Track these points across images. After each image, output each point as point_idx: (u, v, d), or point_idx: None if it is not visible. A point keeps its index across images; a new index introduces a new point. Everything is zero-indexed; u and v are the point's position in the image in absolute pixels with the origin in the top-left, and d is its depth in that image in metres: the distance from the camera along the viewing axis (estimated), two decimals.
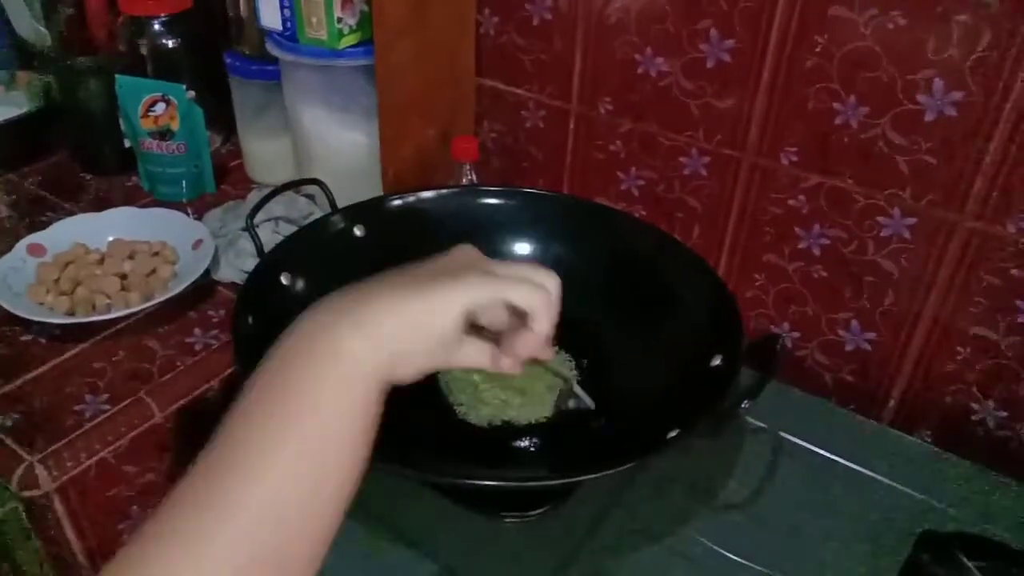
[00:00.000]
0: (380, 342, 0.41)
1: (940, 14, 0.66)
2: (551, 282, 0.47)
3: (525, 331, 0.46)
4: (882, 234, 0.76)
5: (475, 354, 0.48)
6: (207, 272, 0.87)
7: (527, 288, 0.45)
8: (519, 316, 0.46)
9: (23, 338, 0.81)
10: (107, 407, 0.73)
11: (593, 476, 0.56)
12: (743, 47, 0.76)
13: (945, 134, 0.70)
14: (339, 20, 0.84)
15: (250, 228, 0.74)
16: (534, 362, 0.51)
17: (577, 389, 0.67)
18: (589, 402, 0.66)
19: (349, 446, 0.40)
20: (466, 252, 0.48)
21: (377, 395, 0.41)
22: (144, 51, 1.06)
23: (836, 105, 0.73)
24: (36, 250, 0.88)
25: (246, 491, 0.38)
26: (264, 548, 0.37)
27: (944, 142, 0.70)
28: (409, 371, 0.43)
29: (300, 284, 0.72)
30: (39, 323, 0.80)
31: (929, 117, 0.70)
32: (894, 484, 0.69)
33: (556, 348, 0.75)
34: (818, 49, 0.72)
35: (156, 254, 0.90)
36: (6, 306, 0.79)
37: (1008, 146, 0.67)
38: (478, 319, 0.46)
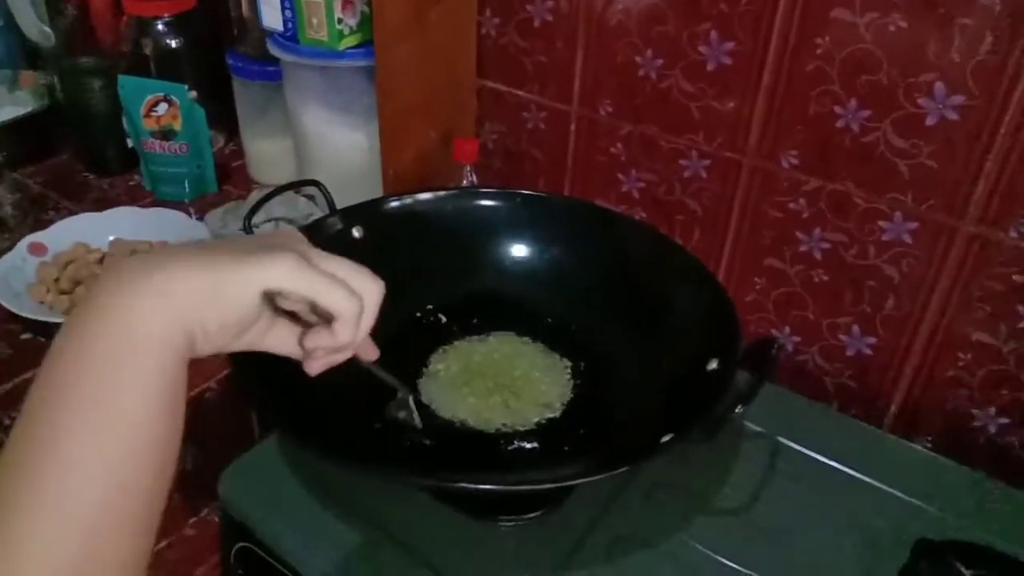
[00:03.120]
0: (172, 311, 0.38)
1: (942, 16, 0.65)
2: (371, 290, 0.44)
3: (325, 331, 0.43)
4: (883, 238, 0.76)
5: (282, 341, 0.45)
6: None
7: (339, 291, 0.42)
8: (322, 315, 0.43)
9: (23, 337, 0.81)
10: None
11: (586, 480, 0.55)
12: (743, 50, 0.76)
13: (946, 138, 0.69)
14: (339, 21, 0.84)
15: (247, 229, 0.74)
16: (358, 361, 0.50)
17: (410, 403, 0.62)
18: (418, 422, 0.62)
19: (150, 426, 0.37)
20: (291, 235, 0.45)
21: (174, 366, 0.38)
22: (147, 51, 1.06)
23: (837, 108, 0.73)
24: (37, 249, 0.88)
25: (42, 494, 0.35)
26: (77, 551, 0.35)
27: (945, 146, 0.69)
28: (207, 345, 0.40)
29: None
30: (39, 322, 0.80)
31: (930, 121, 0.69)
32: (893, 491, 0.68)
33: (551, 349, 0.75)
34: (819, 52, 0.72)
35: None
36: (6, 305, 0.79)
37: (1010, 151, 0.67)
38: (281, 304, 0.42)
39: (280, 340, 0.45)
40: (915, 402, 0.81)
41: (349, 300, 0.42)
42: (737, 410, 0.56)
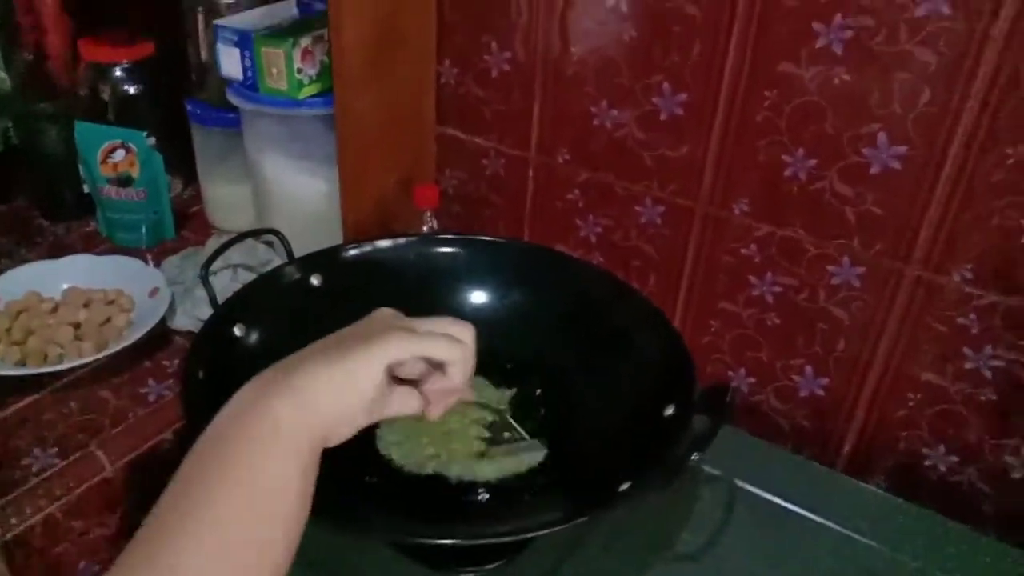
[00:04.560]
0: (308, 407, 0.44)
1: (882, 71, 0.68)
2: (467, 334, 0.52)
3: (443, 378, 0.51)
4: (832, 282, 0.78)
5: (403, 403, 0.51)
6: (163, 321, 0.86)
7: (444, 342, 0.50)
8: (436, 365, 0.51)
9: None
10: (56, 461, 0.72)
11: (544, 532, 0.55)
12: (695, 101, 0.78)
13: (890, 186, 0.71)
14: (299, 71, 0.85)
15: (204, 278, 0.74)
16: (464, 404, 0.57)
17: (511, 421, 0.70)
18: (525, 436, 0.69)
19: (285, 510, 0.42)
20: (384, 314, 0.53)
21: (310, 458, 0.44)
22: (105, 97, 1.06)
23: (785, 157, 0.75)
24: None
25: (188, 559, 0.39)
26: None
27: (889, 194, 0.72)
28: (341, 431, 0.46)
29: (254, 335, 0.71)
30: None
31: (874, 170, 0.72)
32: (848, 532, 0.69)
33: (512, 394, 0.75)
34: (767, 103, 0.74)
35: (112, 302, 0.89)
36: None
37: (950, 198, 0.69)
38: (400, 373, 0.50)
39: (402, 402, 0.51)
40: (868, 442, 0.82)
41: (456, 347, 0.50)
42: (693, 457, 0.57)
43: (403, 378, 0.51)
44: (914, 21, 0.65)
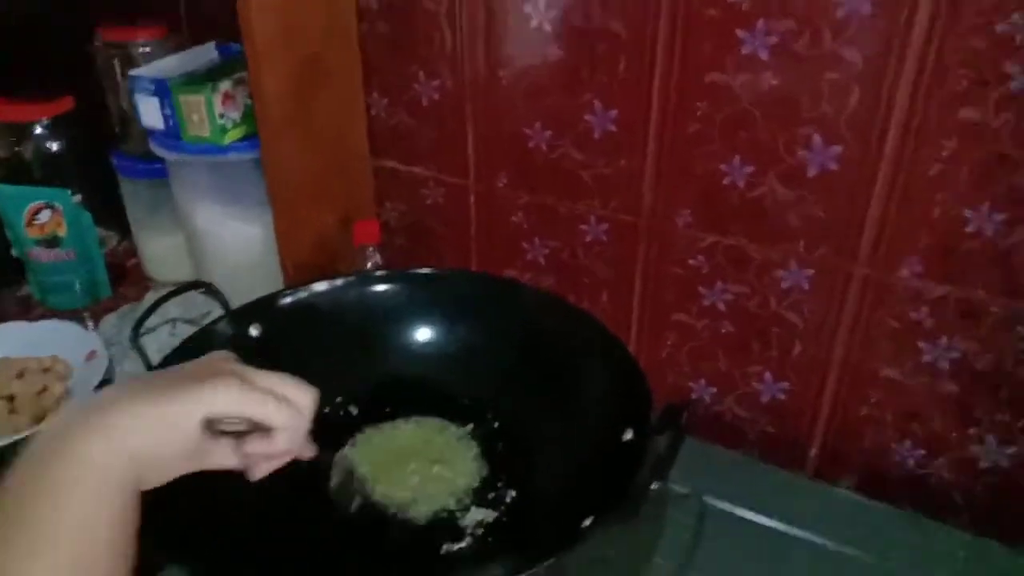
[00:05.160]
0: (117, 444, 0.41)
1: (809, 73, 0.67)
2: (306, 399, 0.49)
3: (264, 439, 0.48)
4: (782, 286, 0.77)
5: (223, 458, 0.48)
6: (102, 385, 0.82)
7: (273, 404, 0.46)
8: (263, 426, 0.48)
9: None
10: None
11: None
12: (627, 117, 0.77)
13: (829, 187, 0.71)
14: (221, 116, 0.82)
15: (135, 340, 0.71)
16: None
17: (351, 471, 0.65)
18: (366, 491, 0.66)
19: (99, 556, 0.39)
20: (220, 357, 0.49)
21: (122, 500, 0.41)
22: (27, 156, 1.02)
23: (723, 166, 0.74)
24: None
25: None
26: None
27: (830, 194, 0.71)
28: (155, 476, 0.43)
29: None
30: None
31: (812, 172, 0.71)
32: (821, 540, 0.68)
33: (469, 430, 0.73)
34: (699, 114, 0.73)
35: (47, 370, 0.85)
36: None
37: (890, 194, 0.69)
38: (221, 428, 0.47)
39: (223, 456, 0.48)
40: (834, 443, 0.81)
41: (285, 412, 0.47)
42: (653, 486, 0.55)
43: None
44: (837, 22, 0.65)
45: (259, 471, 0.50)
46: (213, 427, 0.46)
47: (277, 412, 0.46)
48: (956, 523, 0.71)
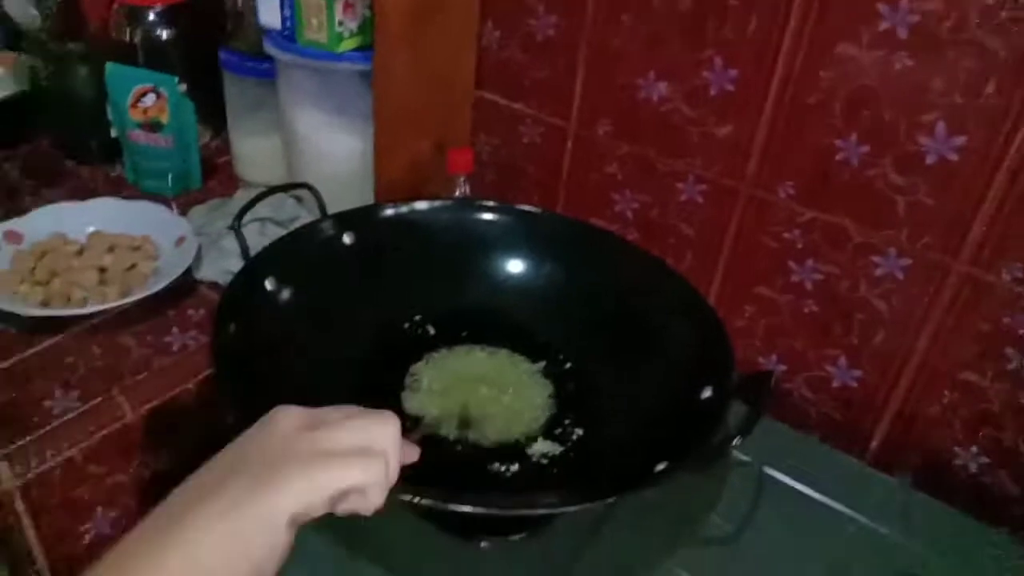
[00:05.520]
0: (196, 566, 0.38)
1: (947, 58, 0.66)
2: (387, 435, 0.43)
3: (359, 497, 0.43)
4: (876, 273, 0.76)
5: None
6: (188, 270, 0.85)
7: (358, 468, 0.41)
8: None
9: None
10: (77, 404, 0.71)
11: (572, 509, 0.54)
12: (747, 78, 0.76)
13: (945, 178, 0.69)
14: (340, 23, 0.83)
15: (237, 229, 0.72)
16: None
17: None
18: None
19: None
20: (285, 428, 0.43)
21: None
22: (137, 40, 1.04)
23: (837, 142, 0.73)
24: (12, 237, 0.86)
25: None
26: None
27: (944, 186, 0.70)
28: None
29: (286, 292, 0.70)
30: (10, 313, 0.77)
31: (930, 160, 0.69)
32: (874, 525, 0.69)
33: (541, 368, 0.74)
34: (822, 85, 0.72)
35: (137, 248, 0.87)
36: None
37: (1006, 195, 0.67)
38: (303, 520, 0.41)
39: (320, 512, 0.43)
40: (897, 437, 0.81)
41: (373, 469, 0.41)
42: (735, 442, 0.55)
43: None
44: (986, 8, 0.63)
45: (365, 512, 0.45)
46: (301, 519, 0.41)
47: (365, 473, 0.41)
48: (1012, 532, 0.70)
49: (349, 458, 0.41)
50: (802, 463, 0.74)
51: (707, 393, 0.63)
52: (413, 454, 0.48)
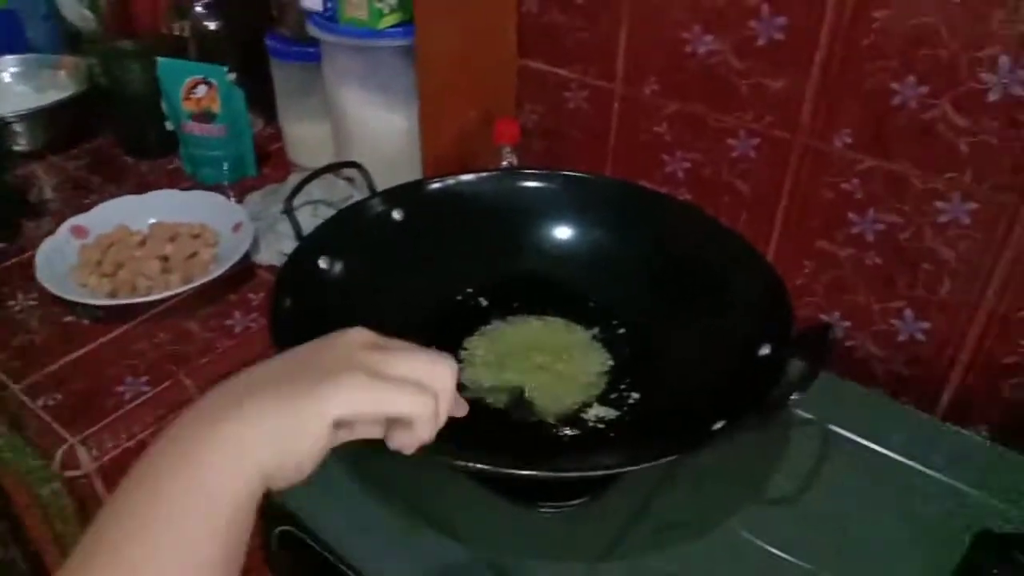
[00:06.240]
0: (244, 460, 0.39)
1: None
2: (444, 377, 0.44)
3: (406, 432, 0.43)
4: (940, 220, 0.73)
5: (366, 433, 0.44)
6: (247, 255, 0.87)
7: (408, 397, 0.41)
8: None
9: (65, 319, 0.81)
10: (147, 388, 0.73)
11: (632, 469, 0.54)
12: (796, 24, 0.73)
13: (1010, 114, 0.66)
14: (379, 0, 0.83)
15: (289, 211, 0.73)
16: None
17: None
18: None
19: (211, 554, 0.38)
20: (350, 341, 0.43)
21: (246, 506, 0.39)
22: (186, 34, 1.06)
23: (894, 85, 0.70)
24: (79, 232, 0.89)
25: None
26: None
27: (1009, 123, 0.66)
28: (283, 482, 0.41)
29: (338, 267, 0.71)
30: (81, 304, 0.80)
31: (993, 97, 0.66)
32: (949, 480, 0.66)
33: (595, 333, 0.74)
34: (876, 25, 0.69)
35: (197, 236, 0.90)
36: (49, 287, 0.80)
37: None
38: (349, 435, 0.42)
39: (364, 433, 0.44)
40: (969, 390, 0.78)
41: (421, 402, 0.42)
42: (793, 397, 0.54)
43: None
44: None
45: (408, 453, 0.45)
46: (345, 426, 0.42)
47: (413, 404, 0.42)
48: None
49: (403, 386, 0.42)
50: (869, 419, 0.71)
51: (765, 350, 0.62)
52: (462, 409, 0.48)
